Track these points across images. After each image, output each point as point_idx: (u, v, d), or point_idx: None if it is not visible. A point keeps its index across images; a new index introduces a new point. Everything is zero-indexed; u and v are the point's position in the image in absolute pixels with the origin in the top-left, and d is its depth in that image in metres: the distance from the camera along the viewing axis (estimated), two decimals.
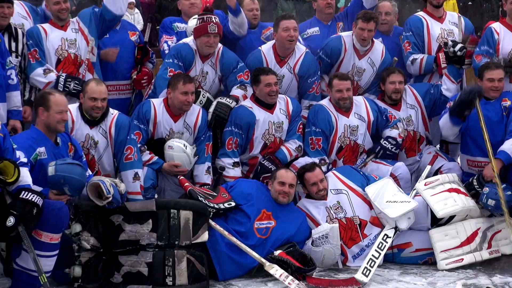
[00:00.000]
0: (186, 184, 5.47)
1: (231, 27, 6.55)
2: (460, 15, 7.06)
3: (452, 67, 6.42)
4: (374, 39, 6.58)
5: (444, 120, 5.98)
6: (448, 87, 6.35)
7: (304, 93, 6.49)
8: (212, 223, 5.09)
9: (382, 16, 6.78)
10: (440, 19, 6.77)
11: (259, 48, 6.47)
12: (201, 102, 5.98)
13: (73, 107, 5.39)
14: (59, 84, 5.84)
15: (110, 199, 4.67)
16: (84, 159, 5.20)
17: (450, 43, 6.34)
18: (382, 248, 5.29)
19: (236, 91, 6.20)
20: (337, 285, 4.98)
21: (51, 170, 4.52)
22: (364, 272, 5.02)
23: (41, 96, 5.08)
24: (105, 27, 6.26)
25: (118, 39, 6.60)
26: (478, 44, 6.41)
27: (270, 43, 6.43)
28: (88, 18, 6.21)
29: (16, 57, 5.92)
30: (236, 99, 6.09)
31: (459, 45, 6.28)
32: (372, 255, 5.19)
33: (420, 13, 6.88)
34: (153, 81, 6.45)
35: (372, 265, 5.10)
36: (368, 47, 6.55)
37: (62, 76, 5.91)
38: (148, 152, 5.71)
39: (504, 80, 5.97)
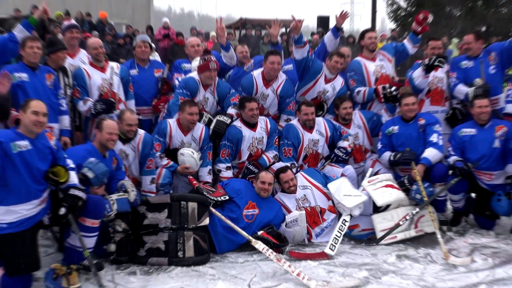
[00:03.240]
0: (194, 182, 5.55)
1: (224, 60, 6.56)
2: (381, 51, 7.06)
3: (389, 105, 6.57)
4: None
5: (384, 161, 6.14)
6: (386, 119, 6.49)
7: (283, 110, 6.52)
8: (213, 210, 5.11)
9: (345, 58, 6.81)
10: (373, 59, 6.84)
11: (252, 73, 6.52)
12: (204, 121, 5.98)
13: None
14: (91, 108, 5.87)
15: (112, 216, 4.68)
16: (123, 169, 5.22)
17: (387, 86, 6.46)
18: (342, 229, 5.33)
19: (231, 110, 6.23)
20: (312, 257, 4.99)
21: (91, 176, 4.54)
22: (331, 247, 5.07)
23: (98, 121, 5.12)
24: None
25: (145, 75, 6.61)
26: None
27: (260, 70, 6.46)
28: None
29: (69, 88, 5.94)
30: (231, 116, 6.11)
31: (393, 88, 6.43)
32: (336, 235, 5.23)
33: (358, 58, 6.91)
34: (166, 105, 6.44)
35: (336, 242, 5.15)
36: (334, 76, 6.62)
37: (91, 102, 5.93)
38: (166, 158, 5.72)
39: (417, 103, 6.16)
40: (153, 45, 6.83)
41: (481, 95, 5.87)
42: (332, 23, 7.24)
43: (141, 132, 5.53)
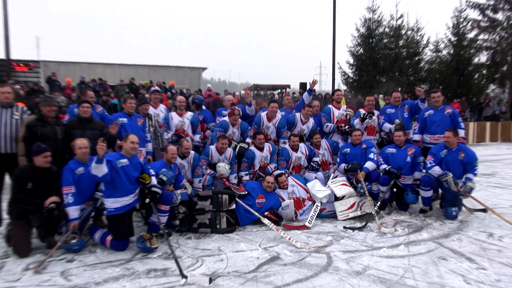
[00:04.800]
0: (226, 183, 5.48)
1: (247, 111, 6.57)
2: (345, 105, 7.04)
3: (344, 136, 6.57)
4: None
5: (341, 170, 6.01)
6: (342, 144, 6.40)
7: (280, 136, 6.45)
8: (237, 200, 5.06)
9: (315, 107, 6.79)
10: (338, 108, 6.78)
11: (260, 114, 6.46)
12: (232, 147, 5.92)
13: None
14: (169, 138, 5.88)
15: (177, 203, 4.67)
16: (182, 174, 5.17)
17: (343, 125, 6.47)
18: (315, 211, 5.27)
19: (248, 140, 6.18)
20: (298, 228, 4.91)
21: (165, 179, 4.54)
22: (309, 222, 5.01)
23: (164, 147, 5.09)
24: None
25: (196, 116, 6.49)
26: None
27: (265, 112, 6.43)
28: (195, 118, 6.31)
29: (152, 127, 5.91)
30: (248, 143, 6.06)
31: (347, 126, 6.45)
32: (312, 214, 5.17)
33: (329, 105, 6.87)
34: (210, 137, 6.39)
35: (312, 219, 5.09)
36: (308, 119, 6.57)
37: (171, 133, 5.97)
38: (209, 169, 5.64)
39: (362, 134, 6.15)
40: (196, 101, 6.82)
41: (399, 129, 5.86)
42: (308, 86, 7.16)
43: (192, 152, 5.51)
